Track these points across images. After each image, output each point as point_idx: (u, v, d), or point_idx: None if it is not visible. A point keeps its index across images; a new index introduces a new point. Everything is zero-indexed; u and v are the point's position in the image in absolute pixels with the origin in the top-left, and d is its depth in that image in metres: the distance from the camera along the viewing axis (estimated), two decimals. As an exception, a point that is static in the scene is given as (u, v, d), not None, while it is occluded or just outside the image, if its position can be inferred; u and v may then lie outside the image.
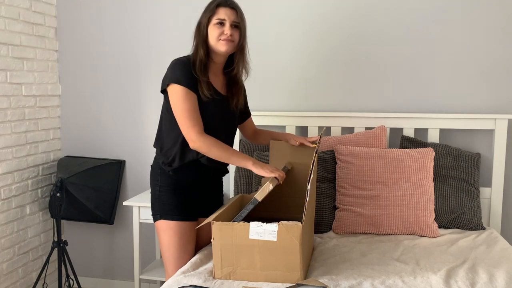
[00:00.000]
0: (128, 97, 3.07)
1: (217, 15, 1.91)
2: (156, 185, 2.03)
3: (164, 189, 2.01)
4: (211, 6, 1.93)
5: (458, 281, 1.73)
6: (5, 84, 2.72)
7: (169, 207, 2.00)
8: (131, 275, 3.14)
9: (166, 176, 2.02)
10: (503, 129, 2.55)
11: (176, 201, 2.01)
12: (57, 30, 3.12)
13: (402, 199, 2.32)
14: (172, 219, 1.99)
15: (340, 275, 1.78)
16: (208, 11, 1.93)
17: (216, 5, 1.92)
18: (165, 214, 2.00)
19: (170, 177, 2.02)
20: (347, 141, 2.59)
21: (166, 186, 2.01)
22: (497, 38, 2.61)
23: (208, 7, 1.95)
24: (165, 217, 2.00)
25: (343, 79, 2.78)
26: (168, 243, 2.00)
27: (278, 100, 2.84)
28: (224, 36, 1.91)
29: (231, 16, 1.91)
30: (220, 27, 1.91)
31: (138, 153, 3.09)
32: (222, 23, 1.91)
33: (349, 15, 2.73)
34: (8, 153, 2.76)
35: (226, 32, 1.90)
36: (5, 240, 2.77)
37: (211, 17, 1.91)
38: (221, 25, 1.91)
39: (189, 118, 1.87)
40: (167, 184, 2.02)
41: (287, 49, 2.82)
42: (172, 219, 1.99)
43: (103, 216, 2.98)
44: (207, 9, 1.95)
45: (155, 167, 2.08)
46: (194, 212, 2.05)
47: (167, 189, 2.01)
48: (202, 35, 1.94)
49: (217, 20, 1.90)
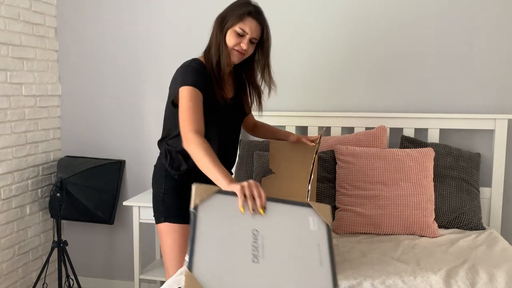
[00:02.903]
0: (128, 97, 3.07)
1: (243, 24, 1.83)
2: (161, 188, 2.01)
3: (169, 192, 1.99)
4: (241, 10, 1.84)
5: (458, 281, 1.73)
6: (5, 84, 2.72)
7: (174, 210, 1.98)
8: (131, 275, 3.14)
9: (171, 179, 1.99)
10: (503, 129, 2.55)
11: (180, 204, 1.98)
12: (57, 30, 3.12)
13: (402, 199, 2.32)
14: (176, 222, 1.97)
15: (340, 275, 1.77)
16: (238, 15, 1.83)
17: (247, 13, 1.83)
18: (170, 217, 1.98)
19: (175, 180, 1.99)
20: (347, 141, 2.59)
21: (170, 189, 1.99)
22: (497, 38, 2.61)
23: (238, 8, 1.85)
24: (169, 220, 1.98)
25: (343, 79, 2.78)
26: (172, 246, 1.99)
27: (278, 100, 2.83)
28: (238, 48, 1.86)
29: (254, 32, 1.85)
30: (239, 37, 1.85)
31: (138, 153, 3.09)
32: (243, 35, 1.85)
33: (349, 16, 2.73)
34: (8, 153, 2.76)
35: (242, 45, 1.85)
36: (5, 240, 2.77)
37: (236, 23, 1.83)
38: (241, 36, 1.85)
39: (191, 117, 1.78)
40: (171, 187, 1.99)
41: (287, 50, 2.82)
42: (176, 222, 1.97)
43: (103, 216, 2.98)
44: (236, 9, 1.85)
45: (160, 168, 2.04)
46: None
47: (171, 192, 1.99)
48: (224, 34, 1.86)
49: (240, 30, 1.84)
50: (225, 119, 1.98)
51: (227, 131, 2.01)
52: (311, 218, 1.42)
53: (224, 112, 1.95)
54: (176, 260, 1.99)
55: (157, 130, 3.03)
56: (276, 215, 1.39)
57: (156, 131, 3.03)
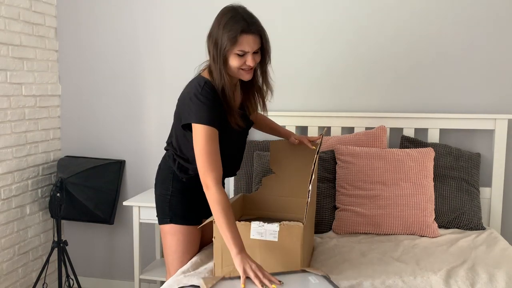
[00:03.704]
0: (128, 97, 3.07)
1: (240, 46, 1.71)
2: (167, 189, 1.99)
3: (175, 193, 1.98)
4: (232, 31, 1.69)
5: (458, 281, 1.73)
6: (5, 84, 2.72)
7: (180, 212, 1.97)
8: (131, 275, 3.14)
9: (179, 181, 1.98)
10: (503, 129, 2.55)
11: (186, 206, 1.98)
12: (57, 30, 3.12)
13: (402, 199, 2.32)
14: (182, 224, 1.97)
15: (340, 275, 1.78)
16: (231, 38, 1.69)
17: (240, 32, 1.69)
18: (175, 219, 1.97)
19: (183, 183, 1.98)
20: (347, 141, 2.59)
21: (177, 190, 1.98)
22: (497, 38, 2.61)
23: (228, 28, 1.70)
24: (175, 221, 1.97)
25: (343, 79, 2.78)
26: (175, 247, 1.99)
27: (278, 100, 2.84)
28: (245, 67, 1.77)
29: (254, 46, 1.73)
30: (241, 58, 1.74)
31: (138, 153, 3.09)
32: (244, 54, 1.74)
33: (350, 17, 2.74)
34: (8, 153, 2.76)
35: (248, 63, 1.75)
36: (5, 240, 2.77)
37: (233, 47, 1.71)
38: (243, 56, 1.74)
39: (209, 162, 1.72)
40: (178, 188, 1.98)
41: (288, 50, 2.82)
42: (182, 223, 1.97)
43: (103, 216, 2.98)
44: (226, 31, 1.70)
45: (166, 170, 2.02)
46: (200, 216, 2.04)
47: (178, 193, 1.98)
48: (223, 59, 1.75)
49: (240, 51, 1.72)
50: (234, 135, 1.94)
51: (234, 144, 1.98)
52: (310, 277, 1.60)
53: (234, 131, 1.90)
54: (178, 261, 1.99)
55: (157, 130, 3.03)
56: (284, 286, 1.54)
57: (156, 131, 3.04)
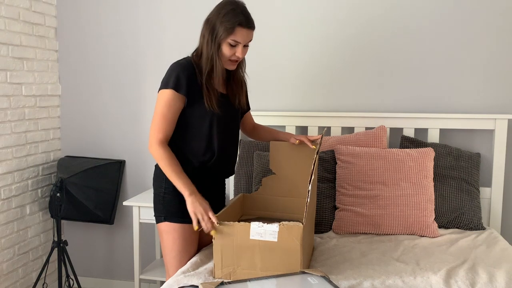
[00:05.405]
0: (128, 97, 3.07)
1: (235, 36, 1.85)
2: (161, 187, 2.01)
3: (169, 191, 1.98)
4: (231, 22, 1.84)
5: (458, 281, 1.73)
6: (5, 84, 2.72)
7: (174, 209, 1.98)
8: (131, 275, 3.14)
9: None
10: (503, 129, 2.55)
11: (181, 204, 1.98)
12: (57, 30, 3.12)
13: (402, 199, 2.32)
14: (176, 222, 1.97)
15: (340, 275, 1.78)
16: (228, 28, 1.84)
17: (238, 24, 1.84)
18: (170, 217, 1.98)
19: None
20: (347, 141, 2.59)
21: (171, 188, 1.98)
22: (497, 38, 2.61)
23: (227, 18, 1.84)
24: (169, 219, 1.98)
25: (343, 79, 2.78)
26: (172, 245, 1.99)
27: (278, 100, 2.84)
28: (234, 58, 1.90)
29: (247, 39, 1.88)
30: (232, 48, 1.88)
31: (138, 153, 3.09)
32: (236, 45, 1.88)
33: (349, 16, 2.74)
34: (8, 153, 2.76)
35: (237, 54, 1.89)
36: (5, 240, 2.77)
37: (227, 36, 1.85)
38: (234, 46, 1.88)
39: (159, 123, 1.89)
40: (172, 186, 1.98)
41: (288, 49, 2.82)
42: (176, 221, 1.97)
43: (103, 216, 2.98)
44: (225, 21, 1.84)
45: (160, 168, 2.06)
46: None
47: (172, 191, 1.98)
48: (217, 46, 1.88)
49: (233, 41, 1.86)
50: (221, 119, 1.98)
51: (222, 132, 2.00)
52: (309, 278, 1.60)
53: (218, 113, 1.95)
54: (176, 259, 1.99)
55: (157, 130, 3.03)
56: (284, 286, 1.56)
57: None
